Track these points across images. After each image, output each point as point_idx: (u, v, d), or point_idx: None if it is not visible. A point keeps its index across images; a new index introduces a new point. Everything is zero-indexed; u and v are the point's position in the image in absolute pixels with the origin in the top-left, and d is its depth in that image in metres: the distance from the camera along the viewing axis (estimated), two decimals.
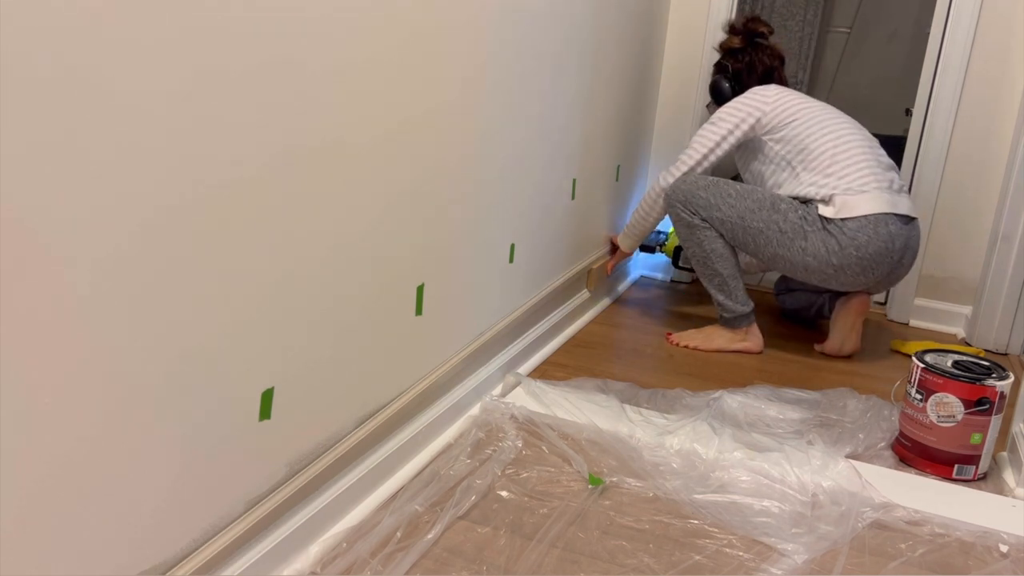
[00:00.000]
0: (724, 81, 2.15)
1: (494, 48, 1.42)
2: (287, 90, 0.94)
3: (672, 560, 1.16)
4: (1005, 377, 1.43)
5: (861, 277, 1.89)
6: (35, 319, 0.69)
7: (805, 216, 1.87)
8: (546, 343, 1.93)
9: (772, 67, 2.13)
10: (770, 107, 1.98)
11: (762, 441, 1.46)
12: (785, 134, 1.95)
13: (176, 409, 0.86)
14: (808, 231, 1.86)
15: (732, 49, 2.15)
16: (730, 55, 2.16)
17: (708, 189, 1.96)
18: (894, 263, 1.89)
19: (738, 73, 2.14)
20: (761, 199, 1.92)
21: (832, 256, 1.85)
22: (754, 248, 1.94)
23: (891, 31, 3.74)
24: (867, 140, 1.95)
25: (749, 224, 1.91)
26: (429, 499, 1.24)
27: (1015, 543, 1.25)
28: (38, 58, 0.65)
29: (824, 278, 1.91)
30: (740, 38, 2.14)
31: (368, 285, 1.17)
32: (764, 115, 1.98)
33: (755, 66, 2.12)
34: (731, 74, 2.14)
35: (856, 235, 1.82)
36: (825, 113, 1.97)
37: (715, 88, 2.18)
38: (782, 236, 1.89)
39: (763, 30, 2.14)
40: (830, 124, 1.94)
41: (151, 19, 0.74)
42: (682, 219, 2.00)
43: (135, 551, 0.84)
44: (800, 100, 2.00)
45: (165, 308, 0.82)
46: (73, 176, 0.70)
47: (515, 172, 1.61)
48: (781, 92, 2.01)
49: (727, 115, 2.02)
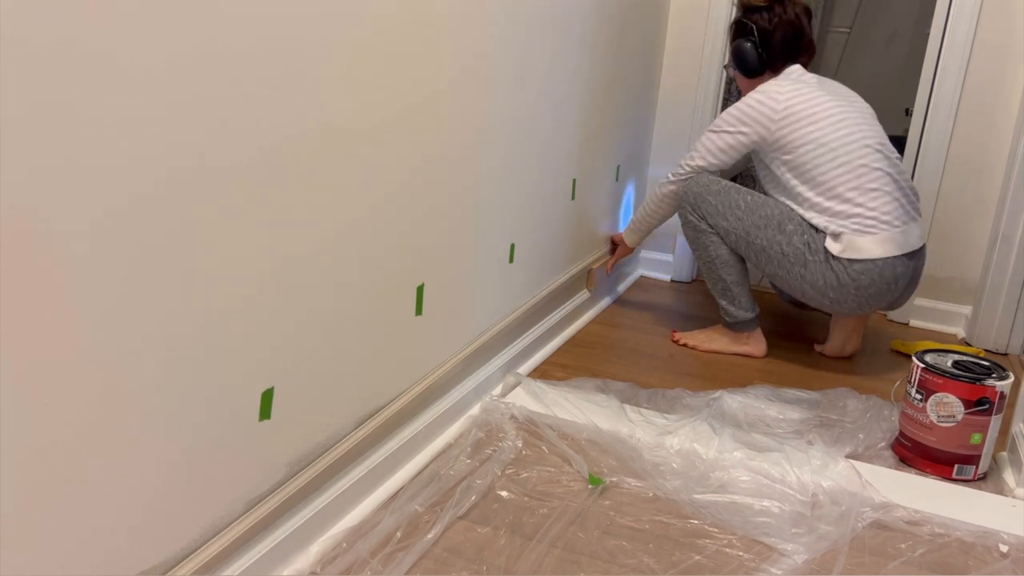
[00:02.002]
0: (748, 44, 1.94)
1: (494, 48, 1.42)
2: (285, 72, 0.93)
3: (672, 560, 1.16)
4: (1005, 377, 1.43)
5: (857, 310, 1.87)
6: (34, 318, 0.69)
7: (809, 243, 1.81)
8: (546, 343, 1.93)
9: (801, 26, 1.92)
10: (776, 124, 1.83)
11: (762, 441, 1.47)
12: (794, 159, 1.82)
13: (176, 409, 0.86)
14: (809, 260, 1.82)
15: (755, 6, 1.94)
16: (753, 11, 1.94)
17: (719, 196, 1.91)
18: (894, 299, 1.86)
19: (765, 34, 1.92)
20: (768, 216, 1.86)
21: (829, 290, 1.82)
22: (756, 262, 1.92)
23: (891, 31, 3.74)
24: (885, 159, 1.80)
25: (753, 240, 1.88)
26: (429, 499, 1.24)
27: (1015, 543, 1.25)
28: (31, 30, 0.65)
29: (819, 305, 1.89)
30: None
31: (368, 285, 1.17)
32: (771, 133, 1.84)
33: (782, 26, 1.91)
34: (757, 35, 1.93)
35: (859, 277, 1.78)
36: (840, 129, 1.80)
37: (739, 53, 1.96)
38: (783, 259, 1.85)
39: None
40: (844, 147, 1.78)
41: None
42: (689, 221, 1.97)
43: (135, 551, 0.84)
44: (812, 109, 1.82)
45: (165, 308, 0.82)
46: (67, 173, 0.70)
47: (515, 172, 1.61)
48: (791, 101, 1.83)
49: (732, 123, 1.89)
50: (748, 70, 1.97)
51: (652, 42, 2.40)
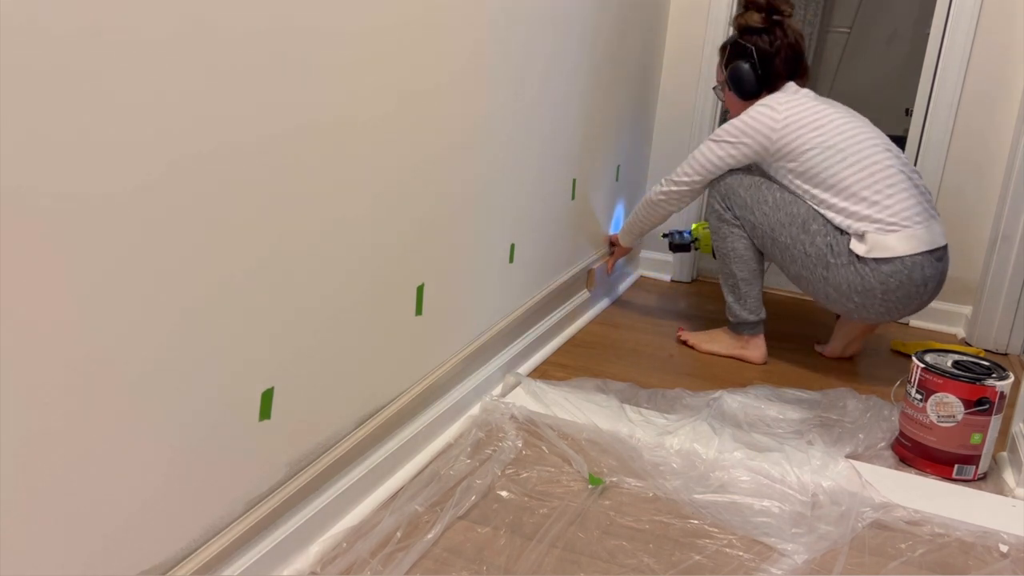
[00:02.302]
0: (745, 64, 1.92)
1: (494, 47, 1.42)
2: (283, 70, 0.93)
3: (672, 560, 1.16)
4: (1005, 377, 1.43)
5: (885, 316, 1.81)
6: (34, 319, 0.69)
7: (832, 246, 1.76)
8: (546, 343, 1.93)
9: (800, 50, 1.92)
10: (778, 134, 1.82)
11: (762, 441, 1.47)
12: (799, 166, 1.80)
13: (176, 409, 0.86)
14: (831, 263, 1.77)
15: (753, 28, 1.92)
16: (751, 33, 1.92)
17: (749, 190, 1.88)
18: (923, 302, 1.81)
19: (766, 58, 1.90)
20: (795, 215, 1.82)
21: (854, 294, 1.76)
22: (780, 261, 1.88)
23: (891, 31, 3.74)
24: (896, 159, 1.79)
25: (778, 237, 1.84)
26: (429, 499, 1.24)
27: (1015, 543, 1.25)
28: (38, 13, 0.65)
29: (845, 311, 1.83)
30: (762, 16, 1.92)
31: (368, 285, 1.17)
32: (772, 143, 1.83)
33: (783, 50, 1.90)
34: (757, 57, 1.90)
35: (888, 280, 1.72)
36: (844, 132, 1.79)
37: (736, 75, 1.93)
38: (806, 259, 1.81)
39: (785, 8, 1.92)
40: (852, 147, 1.77)
41: None
42: (715, 210, 1.94)
43: (134, 551, 0.84)
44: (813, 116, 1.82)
45: (165, 308, 0.82)
46: (67, 167, 0.70)
47: (515, 172, 1.61)
48: (791, 111, 1.83)
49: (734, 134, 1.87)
50: (744, 92, 1.94)
51: (652, 42, 2.40)
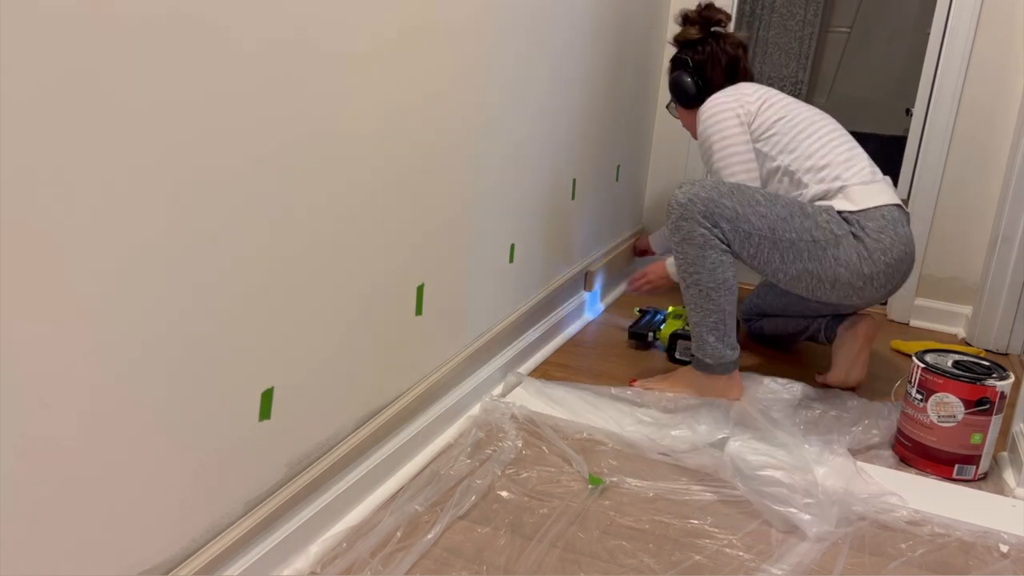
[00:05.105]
0: (686, 76, 1.91)
1: (494, 48, 1.42)
2: (286, 75, 0.93)
3: (672, 560, 1.16)
4: (1005, 377, 1.43)
5: (884, 289, 1.66)
6: (38, 319, 0.69)
7: (831, 218, 1.62)
8: (546, 343, 1.93)
9: (736, 56, 1.92)
10: (755, 106, 1.78)
11: (763, 440, 1.46)
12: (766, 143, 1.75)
13: (176, 409, 0.86)
14: (839, 235, 1.61)
15: (690, 41, 1.94)
16: (688, 47, 1.94)
17: (732, 196, 1.62)
18: (906, 270, 1.69)
19: (700, 66, 1.91)
20: (790, 203, 1.64)
21: (864, 264, 1.60)
22: (778, 265, 1.63)
23: (891, 31, 3.74)
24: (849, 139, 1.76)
25: (780, 236, 1.60)
26: (429, 499, 1.24)
27: (1015, 543, 1.25)
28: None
29: (848, 293, 1.65)
30: (697, 28, 1.93)
31: (368, 285, 1.17)
32: (750, 114, 1.77)
33: (718, 57, 1.90)
34: (693, 67, 1.91)
35: (880, 236, 1.61)
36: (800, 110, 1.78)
37: (676, 85, 1.93)
38: (814, 246, 1.60)
39: (720, 18, 1.94)
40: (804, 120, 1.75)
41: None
42: (695, 237, 1.61)
43: (135, 551, 0.84)
44: (779, 96, 1.81)
45: (165, 308, 0.82)
46: (73, 182, 0.70)
47: (515, 172, 1.61)
48: (758, 88, 1.82)
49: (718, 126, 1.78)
50: (686, 100, 1.94)
51: (652, 42, 2.40)
